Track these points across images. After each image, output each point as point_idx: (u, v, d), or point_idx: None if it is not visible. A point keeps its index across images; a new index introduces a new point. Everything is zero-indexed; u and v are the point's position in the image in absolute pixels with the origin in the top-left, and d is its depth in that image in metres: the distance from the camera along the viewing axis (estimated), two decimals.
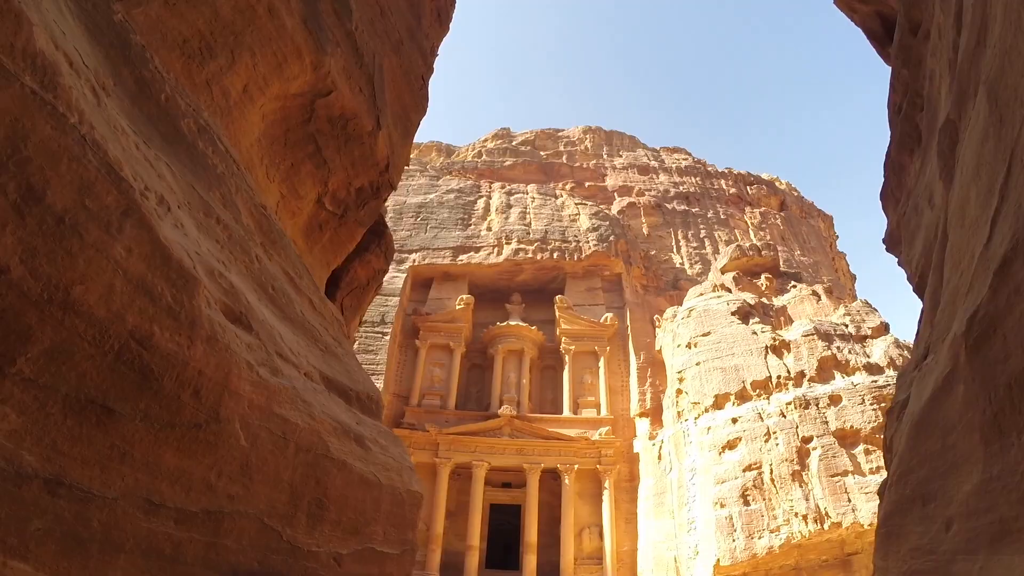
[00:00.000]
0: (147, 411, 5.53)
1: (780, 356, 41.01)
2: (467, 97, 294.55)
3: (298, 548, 7.88)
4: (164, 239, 5.68)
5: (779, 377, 39.86)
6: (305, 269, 10.79)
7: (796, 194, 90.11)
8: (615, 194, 78.91)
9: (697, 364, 43.40)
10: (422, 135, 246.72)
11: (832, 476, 34.94)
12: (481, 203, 67.65)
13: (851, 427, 36.19)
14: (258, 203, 9.76)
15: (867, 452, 35.45)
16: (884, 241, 16.26)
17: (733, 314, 44.63)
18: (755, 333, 42.81)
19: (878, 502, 10.90)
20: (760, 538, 35.03)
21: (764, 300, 47.42)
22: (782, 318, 45.30)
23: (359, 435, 9.56)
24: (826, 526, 33.81)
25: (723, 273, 53.16)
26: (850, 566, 35.49)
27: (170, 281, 5.69)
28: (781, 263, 56.56)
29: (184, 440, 6.02)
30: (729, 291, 48.92)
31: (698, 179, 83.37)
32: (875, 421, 35.94)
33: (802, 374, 39.48)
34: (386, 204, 68.04)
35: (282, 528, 7.63)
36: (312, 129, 13.66)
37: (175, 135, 7.92)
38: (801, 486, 35.22)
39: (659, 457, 44.93)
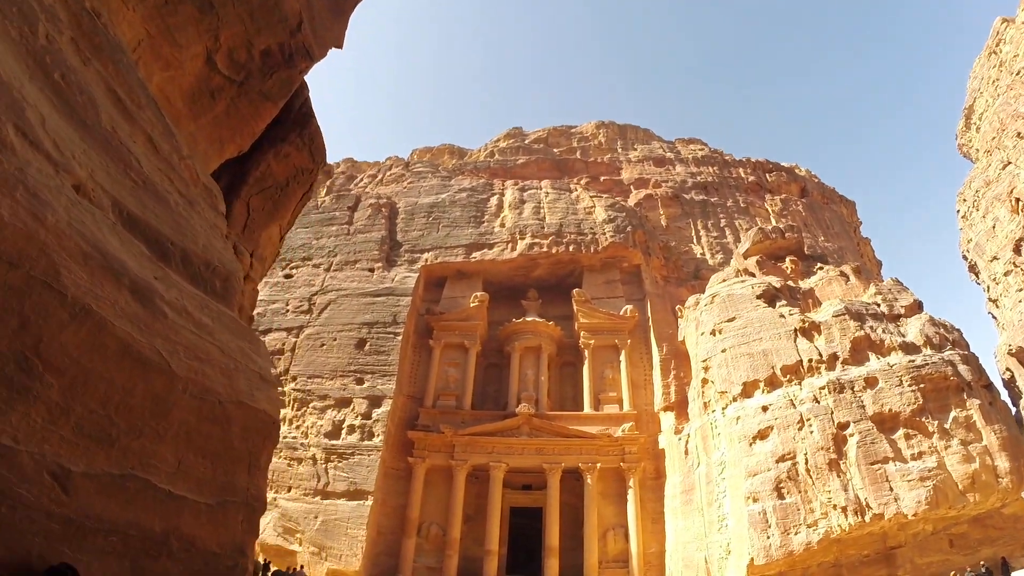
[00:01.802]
0: None
1: (810, 339, 38.75)
2: (478, 100, 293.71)
3: None
4: None
5: (810, 361, 37.61)
6: (151, 101, 8.60)
7: (816, 180, 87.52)
8: (631, 187, 77.06)
9: (723, 351, 41.23)
10: (432, 139, 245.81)
11: (872, 464, 32.69)
12: (494, 200, 66.11)
13: (889, 410, 33.91)
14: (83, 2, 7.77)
15: (908, 437, 33.17)
16: None
17: (758, 297, 42.42)
18: (782, 316, 40.56)
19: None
20: (797, 534, 32.85)
21: (790, 283, 45.12)
22: (810, 300, 43.00)
23: (145, 288, 6.42)
24: (867, 518, 31.56)
25: (746, 258, 50.98)
26: (893, 560, 33.14)
27: None
28: (805, 247, 54.22)
29: None
30: (753, 275, 46.70)
31: (716, 168, 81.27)
32: (915, 403, 33.66)
33: (835, 356, 37.19)
34: (397, 205, 67.48)
35: None
36: None
37: None
38: (839, 476, 33.00)
39: (686, 452, 42.79)
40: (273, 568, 38.41)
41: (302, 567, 38.68)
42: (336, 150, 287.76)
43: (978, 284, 70.75)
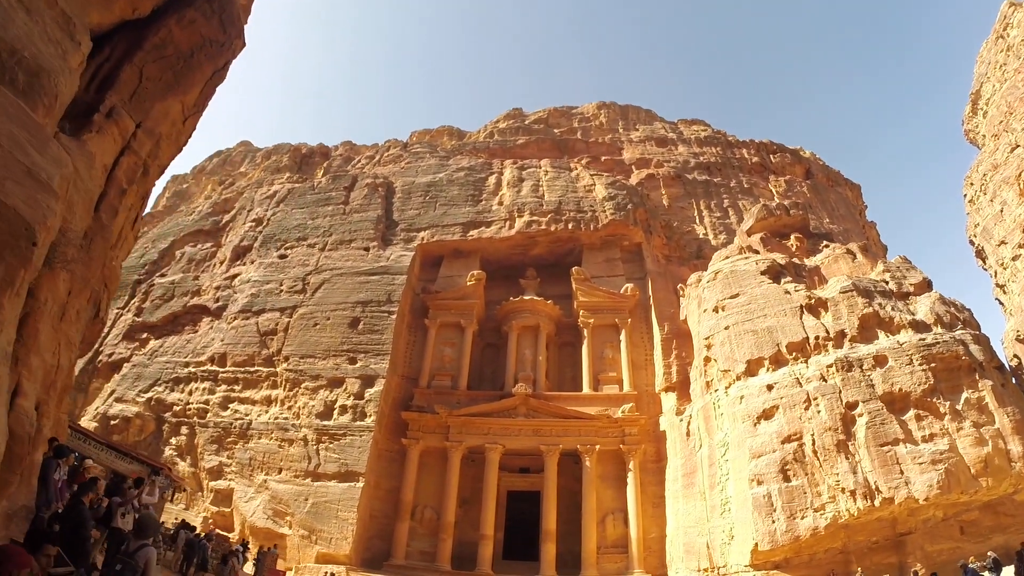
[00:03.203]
0: None
1: (817, 316, 37.41)
2: (478, 82, 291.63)
3: None
4: None
5: (817, 338, 36.30)
6: None
7: (821, 163, 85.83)
8: (632, 167, 75.51)
9: (726, 328, 39.89)
10: (432, 121, 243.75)
11: (881, 446, 31.45)
12: (492, 179, 64.75)
13: (900, 390, 32.66)
14: None
15: (918, 418, 31.94)
16: None
17: (763, 273, 41.08)
18: (788, 292, 39.22)
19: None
20: (803, 518, 31.63)
21: (795, 260, 43.74)
22: (816, 278, 41.62)
23: None
24: (876, 502, 30.36)
25: (749, 235, 49.56)
26: (903, 547, 31.86)
27: None
28: (810, 225, 52.79)
29: None
30: (757, 252, 45.32)
31: (719, 149, 79.62)
32: (925, 383, 32.42)
33: (842, 334, 35.89)
34: (394, 185, 65.95)
35: None
36: None
37: None
38: (847, 458, 31.76)
39: (687, 433, 41.51)
40: (251, 548, 37.58)
41: (275, 546, 37.68)
42: (335, 134, 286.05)
43: (985, 270, 69.45)
